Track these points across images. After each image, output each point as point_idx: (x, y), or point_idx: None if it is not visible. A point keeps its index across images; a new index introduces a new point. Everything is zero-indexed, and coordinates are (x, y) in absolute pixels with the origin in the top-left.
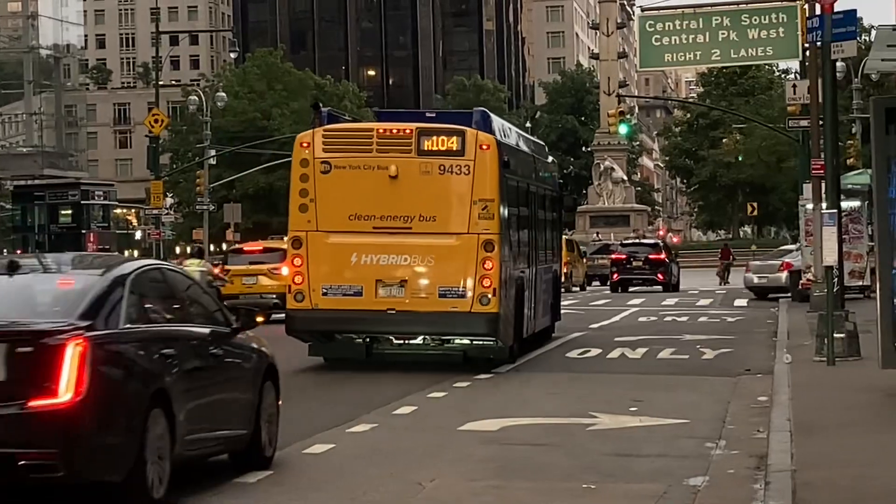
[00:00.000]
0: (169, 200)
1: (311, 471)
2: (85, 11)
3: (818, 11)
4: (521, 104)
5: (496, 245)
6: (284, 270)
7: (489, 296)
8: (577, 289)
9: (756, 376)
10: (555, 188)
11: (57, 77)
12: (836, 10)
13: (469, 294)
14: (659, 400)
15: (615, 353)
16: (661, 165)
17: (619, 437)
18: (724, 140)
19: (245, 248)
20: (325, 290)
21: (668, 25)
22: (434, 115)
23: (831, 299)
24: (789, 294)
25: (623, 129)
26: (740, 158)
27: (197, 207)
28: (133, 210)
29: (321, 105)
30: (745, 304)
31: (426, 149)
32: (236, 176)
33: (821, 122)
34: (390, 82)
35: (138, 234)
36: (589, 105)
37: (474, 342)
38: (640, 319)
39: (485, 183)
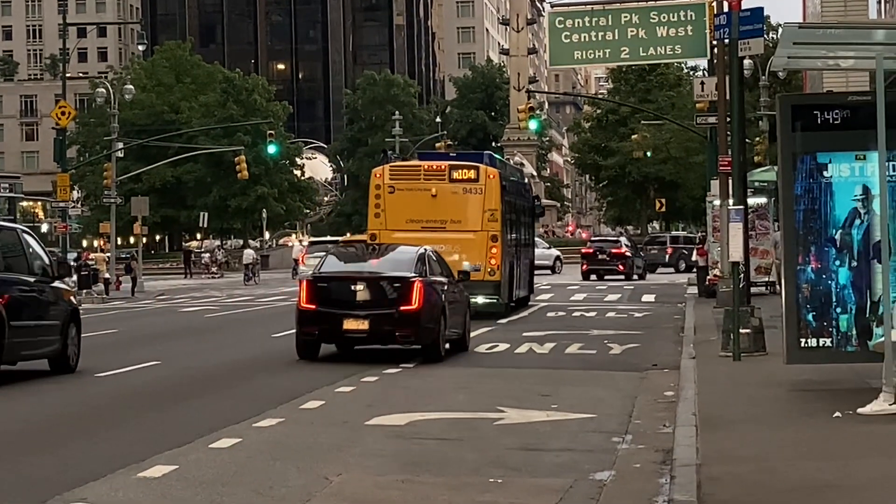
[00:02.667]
0: (76, 193)
1: (217, 465)
2: None
3: (726, 9)
4: (432, 99)
5: (499, 238)
6: None
7: (495, 270)
8: None
9: (663, 371)
10: (531, 202)
11: None
12: (743, 7)
13: (482, 268)
14: (566, 395)
15: (523, 348)
16: (571, 161)
17: (527, 432)
18: (633, 136)
19: (353, 240)
20: None
21: (578, 22)
22: (456, 155)
23: (737, 295)
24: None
25: (533, 125)
26: (649, 154)
27: (104, 200)
28: (39, 203)
29: (388, 152)
30: (653, 300)
31: (454, 178)
32: (144, 169)
33: (728, 119)
34: (300, 76)
35: (45, 227)
36: (499, 100)
37: (486, 300)
38: (549, 315)
39: (491, 199)
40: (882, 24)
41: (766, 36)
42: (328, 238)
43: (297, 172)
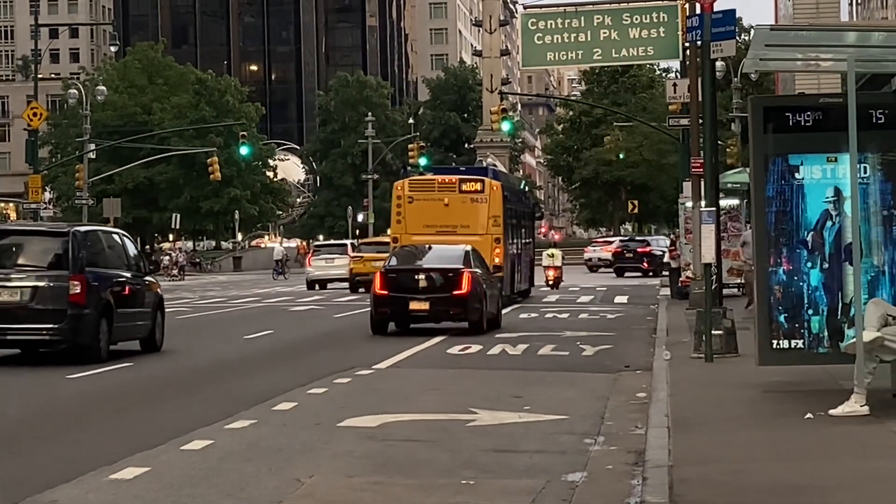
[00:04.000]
0: (48, 195)
1: (189, 467)
2: None
3: (698, 11)
4: (404, 100)
5: (501, 240)
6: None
7: (499, 267)
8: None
9: (635, 373)
10: (530, 208)
11: None
12: (715, 9)
13: (488, 265)
14: (539, 396)
15: (496, 350)
16: (544, 163)
17: (499, 434)
18: (605, 138)
19: (371, 241)
20: None
21: (551, 24)
22: (465, 169)
23: (709, 296)
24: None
25: (505, 126)
26: (622, 156)
27: (76, 202)
28: (11, 204)
29: (407, 168)
30: (626, 302)
31: (463, 189)
32: (116, 170)
33: (700, 121)
34: (273, 78)
35: None
36: (472, 102)
37: None
38: (521, 316)
39: (495, 207)
40: (853, 27)
41: (738, 38)
42: (332, 242)
43: (270, 174)
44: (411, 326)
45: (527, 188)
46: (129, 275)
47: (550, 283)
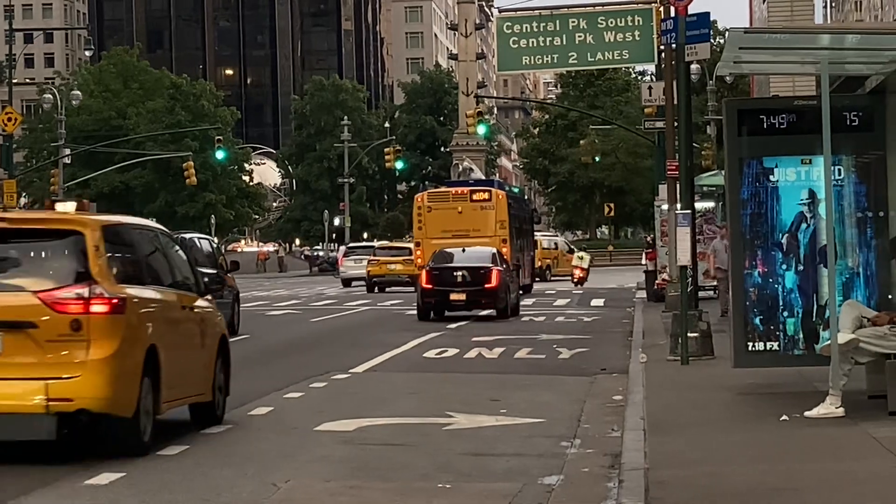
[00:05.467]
0: (23, 200)
1: (165, 472)
2: None
3: (672, 14)
4: (380, 104)
5: (507, 241)
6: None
7: (507, 263)
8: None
9: (611, 375)
10: (530, 214)
11: None
12: (690, 12)
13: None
14: (515, 399)
15: (472, 353)
16: (520, 166)
17: (476, 437)
18: (581, 141)
19: (388, 246)
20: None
21: (526, 27)
22: (474, 182)
23: (685, 299)
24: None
25: (481, 130)
26: (597, 159)
27: None
28: None
29: (426, 183)
30: (602, 305)
31: (474, 199)
32: (92, 175)
33: (676, 124)
34: (248, 81)
35: None
36: (447, 105)
37: None
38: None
39: (501, 213)
40: (827, 29)
41: (712, 41)
42: (363, 244)
43: (246, 178)
44: (446, 314)
45: (526, 197)
46: (212, 272)
47: (575, 280)
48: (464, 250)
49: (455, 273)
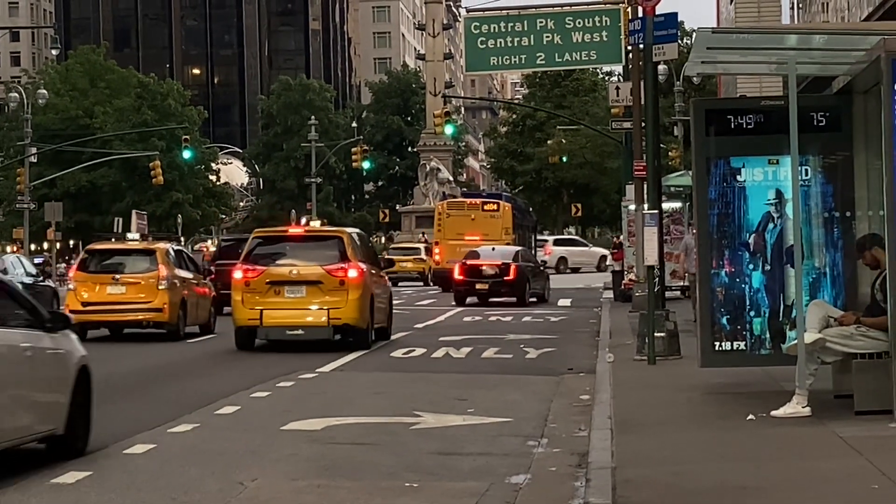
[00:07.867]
0: None
1: (132, 471)
2: None
3: (640, 14)
4: (348, 104)
5: (511, 244)
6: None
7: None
8: None
9: (579, 375)
10: (532, 223)
11: None
12: (657, 13)
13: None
14: (483, 399)
15: (440, 353)
16: (487, 166)
17: (443, 436)
18: (548, 141)
19: (398, 247)
20: (448, 262)
21: (494, 28)
22: (486, 194)
23: (652, 299)
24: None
25: (449, 130)
26: (564, 159)
27: (17, 206)
28: None
29: (446, 194)
30: (569, 305)
31: (484, 209)
32: (58, 174)
33: (643, 124)
34: (215, 81)
35: None
36: (415, 105)
37: None
38: (465, 319)
39: (506, 221)
40: (794, 29)
41: (680, 41)
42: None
43: (213, 177)
44: (466, 301)
45: (529, 207)
46: None
47: None
48: (493, 248)
49: (482, 267)
